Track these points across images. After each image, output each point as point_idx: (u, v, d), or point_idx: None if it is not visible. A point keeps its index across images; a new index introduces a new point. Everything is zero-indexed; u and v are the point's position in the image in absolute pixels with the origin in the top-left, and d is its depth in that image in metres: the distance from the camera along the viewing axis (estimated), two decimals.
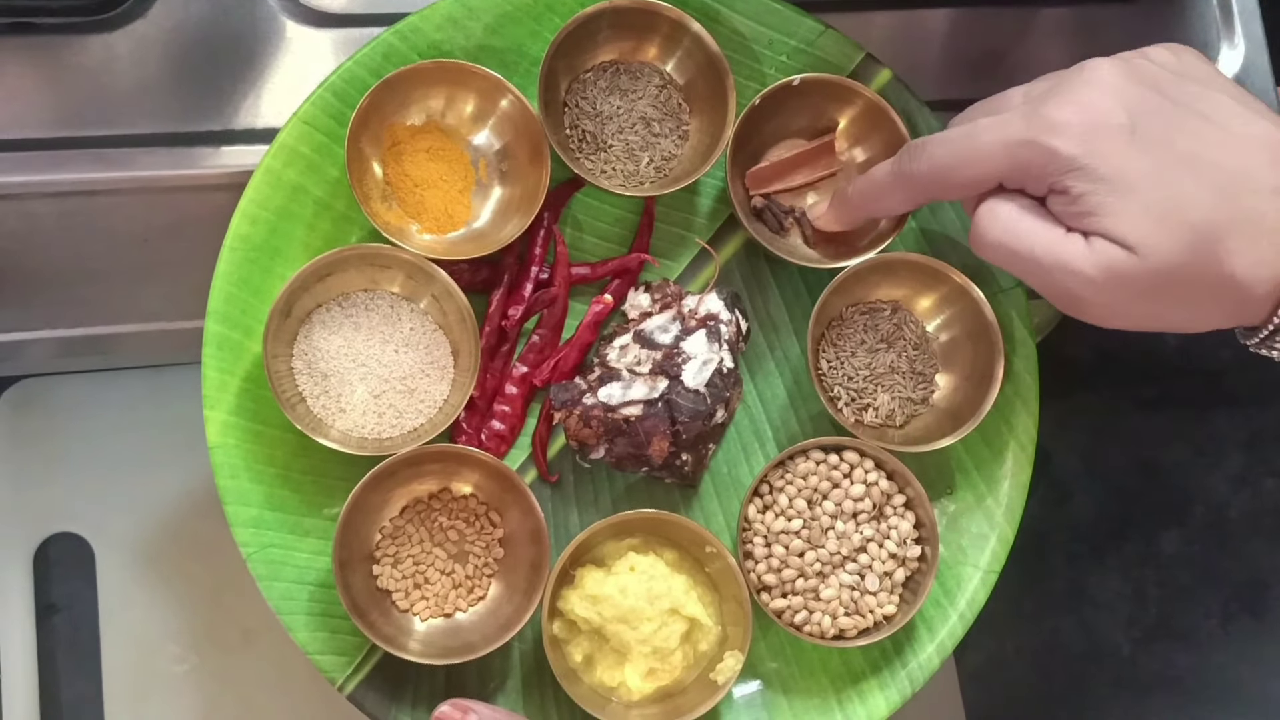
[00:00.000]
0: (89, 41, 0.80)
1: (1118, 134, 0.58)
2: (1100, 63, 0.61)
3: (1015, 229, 0.61)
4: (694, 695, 0.73)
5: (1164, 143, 0.58)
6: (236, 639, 0.92)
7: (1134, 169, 0.57)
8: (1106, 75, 0.60)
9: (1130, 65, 0.61)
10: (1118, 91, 0.59)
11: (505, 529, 0.74)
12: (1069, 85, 0.60)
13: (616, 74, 0.78)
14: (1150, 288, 0.58)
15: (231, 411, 0.72)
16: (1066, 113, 0.58)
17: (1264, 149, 0.58)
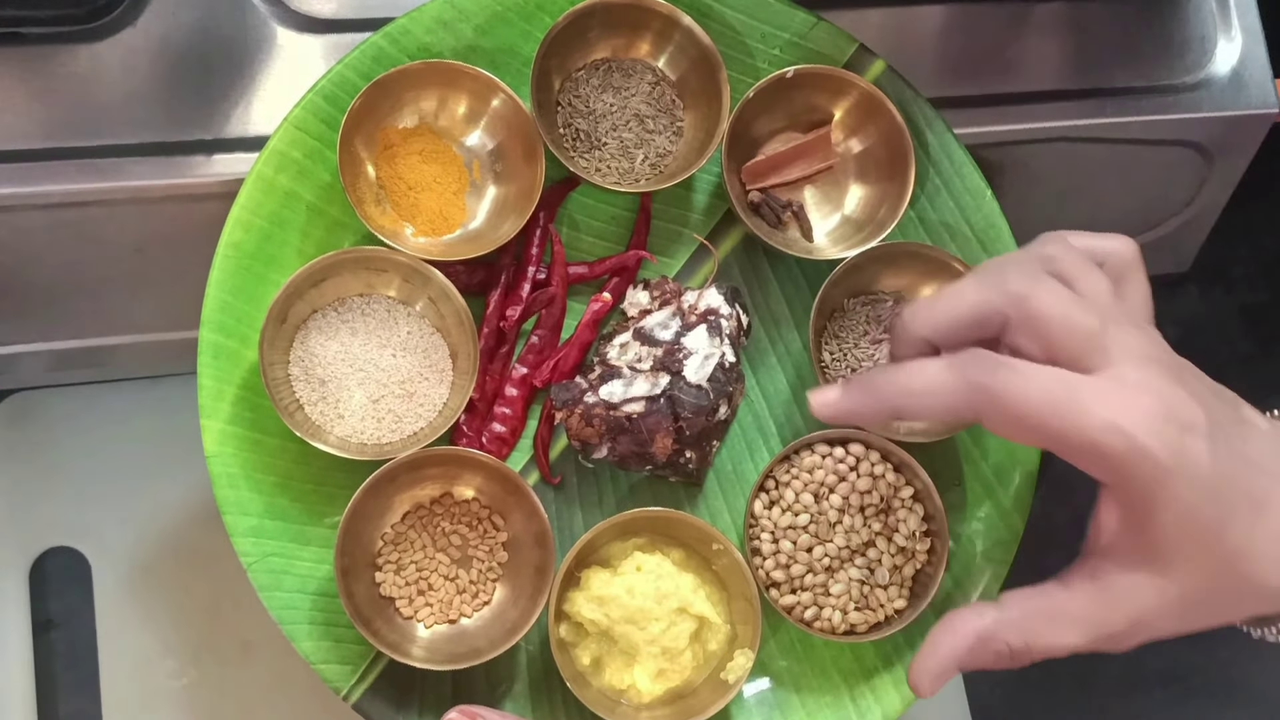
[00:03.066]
0: (78, 51, 0.80)
1: (1202, 440, 0.54)
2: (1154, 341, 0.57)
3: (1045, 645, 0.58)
4: (705, 695, 0.72)
5: (1227, 445, 0.55)
6: (235, 652, 0.91)
7: (1204, 483, 0.54)
8: (1168, 365, 0.56)
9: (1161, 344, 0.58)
10: (1188, 395, 0.55)
11: (509, 532, 0.74)
12: (1149, 369, 0.55)
13: (609, 71, 0.77)
14: (1178, 611, 0.56)
15: (228, 420, 0.72)
16: (1162, 409, 0.54)
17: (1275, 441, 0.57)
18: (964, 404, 0.56)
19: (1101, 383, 0.54)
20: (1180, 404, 0.54)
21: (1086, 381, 0.54)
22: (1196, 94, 0.91)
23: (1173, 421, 0.53)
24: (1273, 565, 0.55)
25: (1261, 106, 0.91)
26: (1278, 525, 0.55)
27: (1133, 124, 0.90)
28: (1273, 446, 0.56)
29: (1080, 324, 0.55)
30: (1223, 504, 0.54)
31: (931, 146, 0.78)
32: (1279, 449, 0.57)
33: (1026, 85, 0.90)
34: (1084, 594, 0.57)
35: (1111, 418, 0.53)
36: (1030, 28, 0.91)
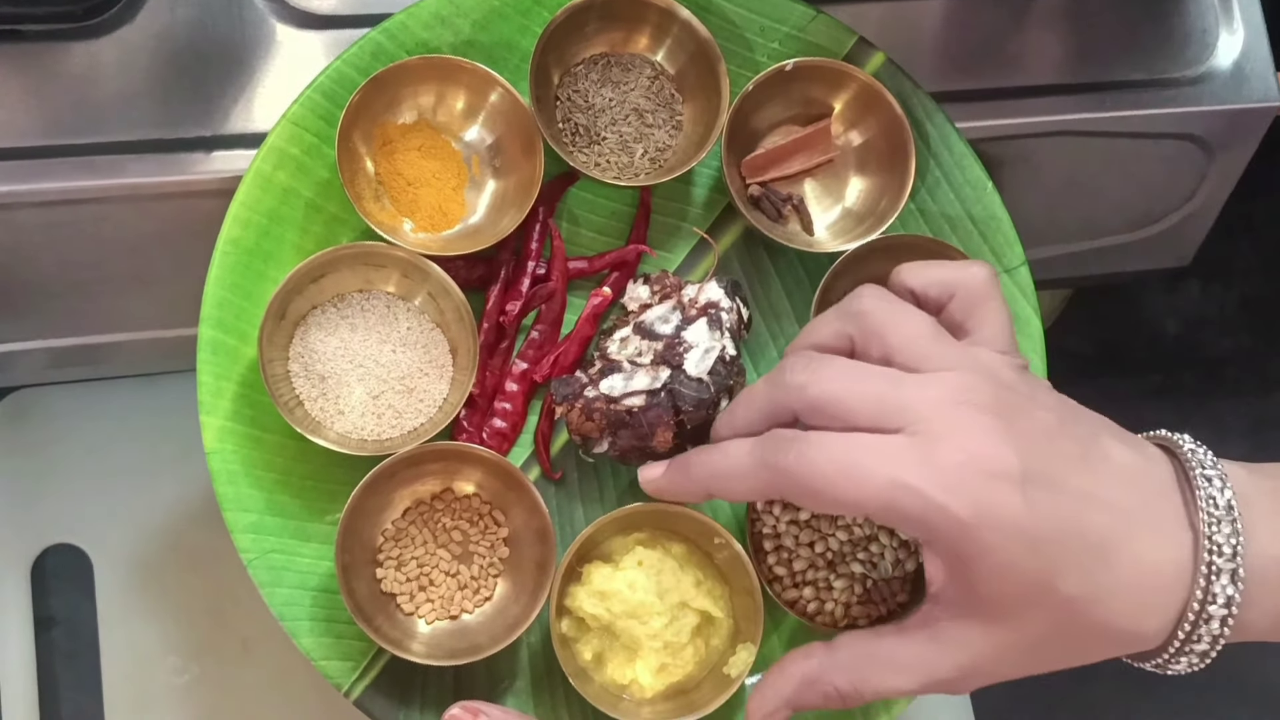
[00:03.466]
0: (75, 48, 0.80)
1: (1010, 488, 0.52)
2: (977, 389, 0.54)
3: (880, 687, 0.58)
4: (707, 690, 0.72)
5: (1056, 488, 0.53)
6: (236, 649, 0.91)
7: (1020, 535, 0.52)
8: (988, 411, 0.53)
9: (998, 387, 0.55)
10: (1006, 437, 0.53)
11: (510, 528, 0.73)
12: (956, 420, 0.53)
13: (608, 66, 0.77)
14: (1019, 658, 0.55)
15: (228, 417, 0.72)
16: (961, 460, 0.52)
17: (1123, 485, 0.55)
18: (764, 486, 0.57)
19: (896, 440, 0.53)
20: (986, 452, 0.52)
21: (878, 441, 0.53)
22: (1198, 88, 0.91)
23: (974, 472, 0.52)
24: (1123, 609, 0.53)
25: (1263, 100, 0.91)
26: (1126, 569, 0.53)
27: (1134, 118, 0.90)
28: (1127, 482, 0.55)
29: (866, 392, 0.55)
30: (1048, 551, 0.52)
31: (932, 138, 0.77)
32: (1136, 484, 0.55)
33: (1027, 79, 0.90)
34: (916, 641, 0.56)
35: (899, 476, 0.52)
36: (1030, 21, 0.90)
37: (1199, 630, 0.54)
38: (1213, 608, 0.53)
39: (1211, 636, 0.54)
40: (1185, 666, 0.56)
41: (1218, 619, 0.53)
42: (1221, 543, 0.53)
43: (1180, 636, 0.54)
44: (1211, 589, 0.53)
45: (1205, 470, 0.55)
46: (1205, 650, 0.55)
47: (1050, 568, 0.52)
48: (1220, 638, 0.54)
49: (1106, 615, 0.53)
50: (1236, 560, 0.53)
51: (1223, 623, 0.54)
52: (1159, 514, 0.54)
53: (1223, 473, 0.55)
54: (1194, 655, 0.55)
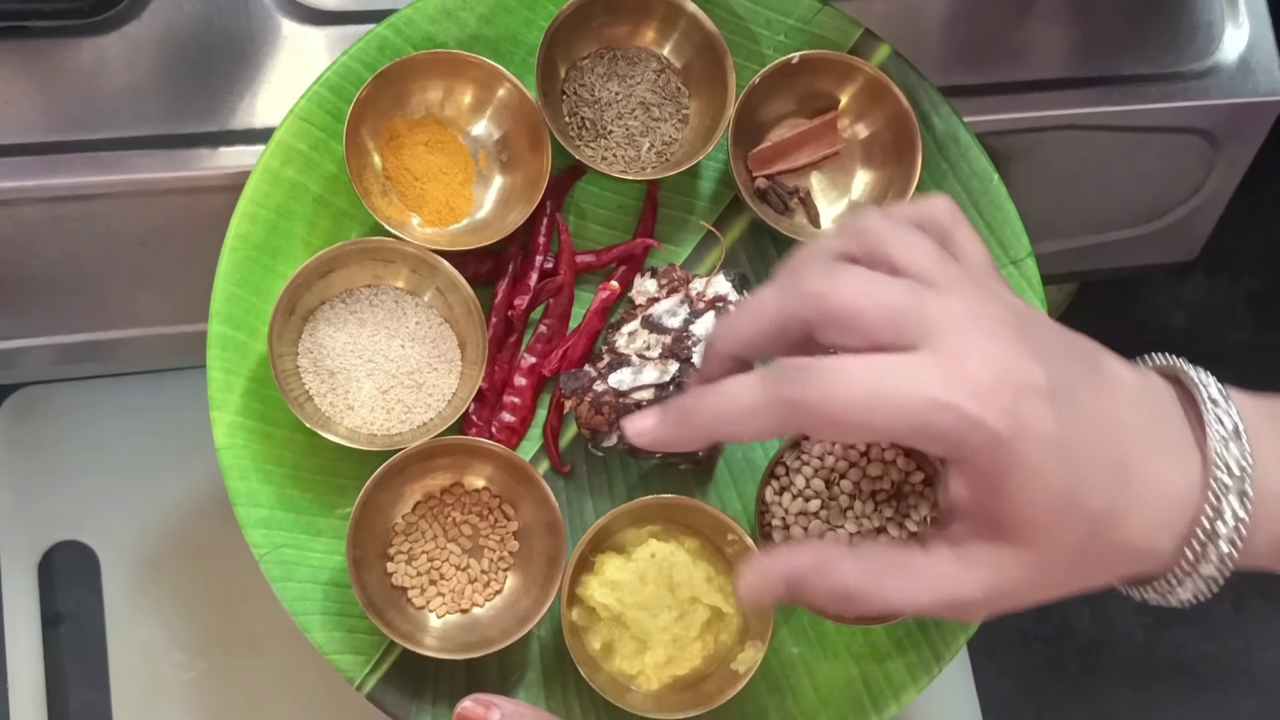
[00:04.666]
0: (83, 44, 0.80)
1: (1041, 401, 0.50)
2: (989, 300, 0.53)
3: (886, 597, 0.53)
4: (714, 685, 0.72)
5: (1077, 406, 0.51)
6: (244, 644, 0.91)
7: (1051, 445, 0.50)
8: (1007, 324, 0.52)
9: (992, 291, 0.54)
10: (1026, 351, 0.51)
11: (520, 521, 0.74)
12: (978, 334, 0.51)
13: (614, 60, 0.77)
14: (1041, 582, 0.53)
15: (238, 412, 0.72)
16: (993, 371, 0.50)
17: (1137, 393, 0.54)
18: (781, 424, 0.53)
19: (920, 358, 0.50)
20: (1013, 365, 0.50)
21: (902, 361, 0.50)
22: (1204, 81, 0.91)
23: (1006, 385, 0.50)
24: (1139, 527, 0.52)
25: (1269, 93, 0.91)
26: (1141, 485, 0.52)
27: (1140, 111, 0.90)
28: (1135, 402, 0.54)
29: (887, 303, 0.52)
30: (1076, 467, 0.51)
31: (938, 130, 0.77)
32: (1143, 405, 0.54)
33: (1033, 73, 0.90)
34: (942, 559, 0.53)
35: (932, 393, 0.49)
36: (1036, 15, 0.91)
37: (1208, 550, 0.53)
38: (1221, 526, 0.53)
39: (1219, 557, 0.53)
40: (1190, 593, 0.55)
41: (1225, 539, 0.53)
42: (1230, 463, 0.53)
43: (1189, 556, 0.53)
44: (1220, 508, 0.52)
45: (1212, 393, 0.54)
46: (1212, 574, 0.54)
47: (1078, 482, 0.51)
48: (1227, 559, 0.53)
49: (1125, 532, 0.52)
50: (1244, 481, 0.52)
51: (1230, 543, 0.53)
52: (1168, 434, 0.54)
53: (1227, 396, 0.54)
54: (1200, 579, 0.54)
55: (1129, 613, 1.30)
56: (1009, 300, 0.54)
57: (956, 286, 0.53)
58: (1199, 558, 0.53)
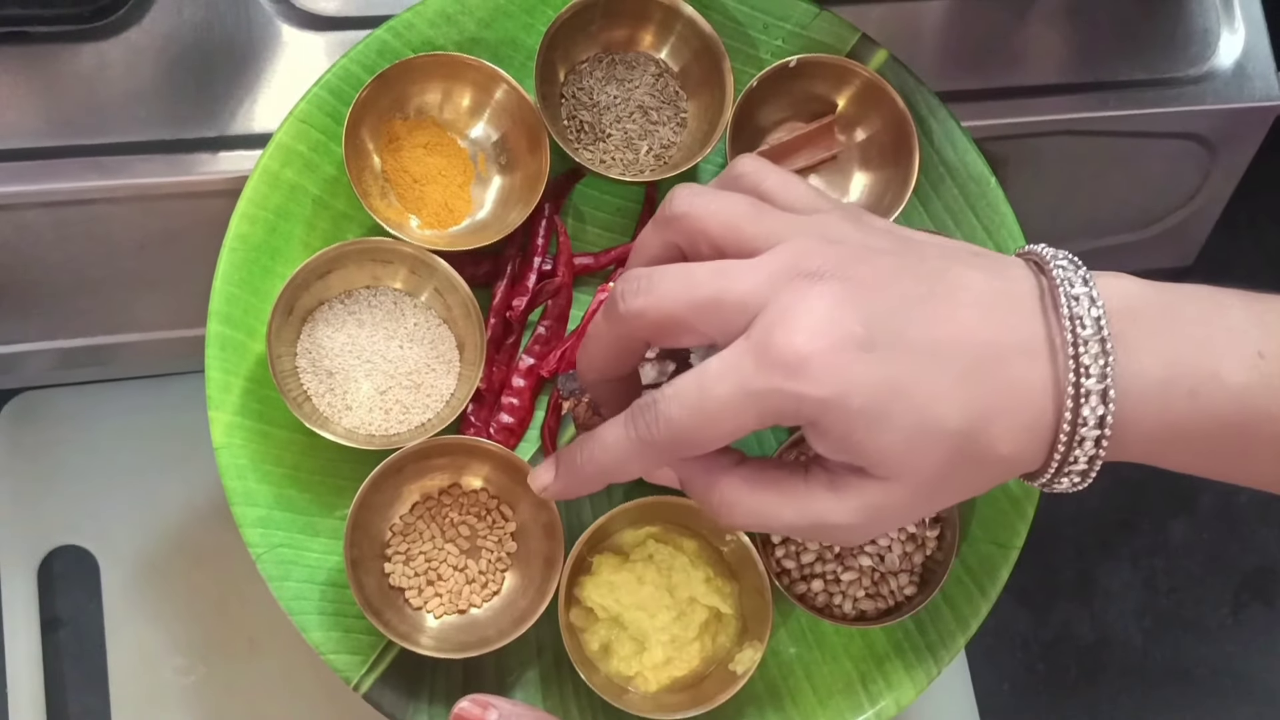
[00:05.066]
0: (83, 50, 0.80)
1: (856, 351, 0.50)
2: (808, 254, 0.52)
3: (758, 510, 0.55)
4: (712, 686, 0.72)
5: (901, 340, 0.51)
6: (243, 647, 0.91)
7: (881, 389, 0.51)
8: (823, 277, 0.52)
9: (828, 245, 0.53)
10: (845, 296, 0.51)
11: (517, 522, 0.74)
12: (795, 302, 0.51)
13: (612, 64, 0.78)
14: (915, 503, 0.54)
15: (236, 412, 0.72)
16: (801, 345, 0.50)
17: (989, 305, 0.53)
18: (653, 460, 0.54)
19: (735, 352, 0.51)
20: (822, 326, 0.50)
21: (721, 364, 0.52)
22: (1200, 87, 0.91)
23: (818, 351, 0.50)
24: (1003, 435, 0.52)
25: (1265, 99, 0.91)
26: (997, 395, 0.52)
27: (1136, 117, 0.90)
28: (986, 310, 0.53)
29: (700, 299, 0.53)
30: (918, 399, 0.51)
31: (935, 134, 0.78)
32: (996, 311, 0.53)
33: (1029, 78, 0.90)
34: (818, 486, 0.54)
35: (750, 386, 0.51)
36: (1032, 21, 0.91)
37: (1074, 452, 0.53)
38: (1084, 430, 0.52)
39: (1087, 457, 0.53)
40: (1068, 485, 0.55)
41: (1091, 439, 0.52)
42: (1089, 364, 0.51)
43: (1057, 458, 0.53)
44: (1081, 411, 0.52)
45: (1073, 289, 0.53)
46: (1084, 470, 0.53)
47: (925, 412, 0.51)
48: (1096, 458, 0.53)
49: (990, 441, 0.52)
50: (1106, 381, 0.51)
51: (1096, 444, 0.52)
52: (1024, 337, 0.53)
53: (1092, 291, 0.53)
54: (1074, 474, 0.54)
55: (1128, 618, 1.30)
56: (835, 235, 0.54)
57: (770, 239, 0.53)
58: (1066, 460, 0.53)
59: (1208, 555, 1.33)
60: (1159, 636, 1.28)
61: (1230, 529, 1.34)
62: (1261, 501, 1.33)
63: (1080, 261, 0.54)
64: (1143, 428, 0.53)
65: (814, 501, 0.54)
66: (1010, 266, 0.55)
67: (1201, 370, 0.53)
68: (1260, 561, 1.33)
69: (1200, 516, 1.34)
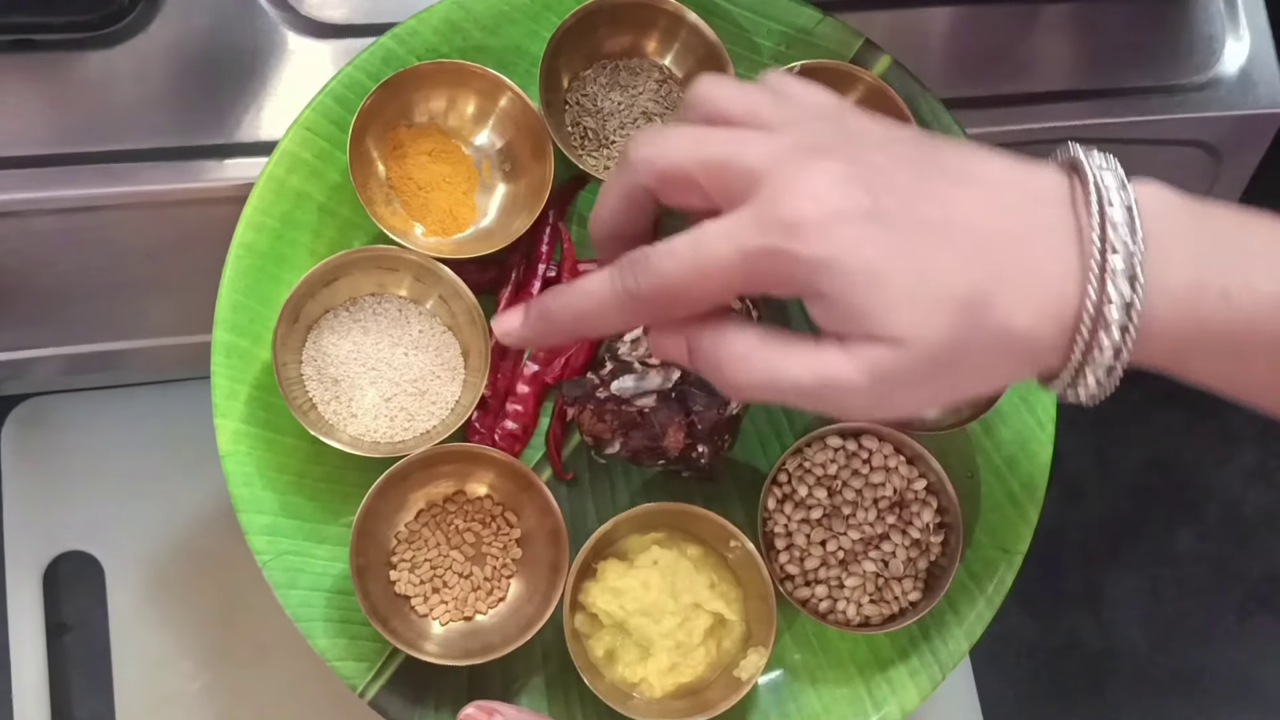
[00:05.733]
0: (90, 58, 0.80)
1: (860, 221, 0.51)
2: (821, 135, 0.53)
3: (768, 366, 0.54)
4: (717, 692, 0.72)
5: (909, 216, 0.51)
6: (249, 654, 0.91)
7: (883, 255, 0.51)
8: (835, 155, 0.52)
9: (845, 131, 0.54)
10: (852, 171, 0.52)
11: (522, 529, 0.74)
12: (800, 172, 0.52)
13: (616, 70, 0.78)
14: (927, 374, 0.52)
15: (242, 419, 0.72)
16: (803, 208, 0.50)
17: (1006, 193, 0.52)
18: (633, 315, 0.55)
19: (738, 213, 0.52)
20: (826, 194, 0.50)
21: (720, 223, 0.52)
22: (1205, 94, 0.91)
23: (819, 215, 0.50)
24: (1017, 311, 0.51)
25: (1270, 106, 0.91)
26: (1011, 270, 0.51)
27: (1141, 124, 0.90)
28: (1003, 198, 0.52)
29: (710, 156, 0.53)
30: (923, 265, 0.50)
31: None
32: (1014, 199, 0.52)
33: (1035, 85, 0.90)
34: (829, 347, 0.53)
35: (747, 244, 0.51)
36: (1038, 28, 0.91)
37: (1099, 339, 0.51)
38: (1110, 313, 0.51)
39: (1113, 349, 0.51)
40: (1091, 388, 0.53)
41: (1116, 326, 0.51)
42: (1117, 245, 0.50)
43: (1080, 347, 0.52)
44: (1106, 291, 0.50)
45: (1105, 178, 0.52)
46: (1109, 365, 0.52)
47: (929, 278, 0.51)
48: (1121, 351, 0.52)
49: (1002, 315, 0.51)
50: (1134, 264, 0.50)
51: (1123, 332, 0.51)
52: (1048, 222, 0.52)
53: (1123, 179, 0.52)
54: (1099, 371, 0.52)
55: (1135, 625, 1.30)
56: (855, 124, 0.54)
57: (787, 125, 0.54)
58: (1090, 349, 0.52)
59: (1214, 563, 1.33)
60: (1165, 644, 1.28)
61: (1237, 537, 1.34)
62: (1268, 509, 1.33)
63: (1117, 161, 0.53)
64: (1171, 323, 0.52)
65: (824, 357, 0.53)
66: (1036, 163, 0.54)
67: (1236, 274, 0.52)
68: (1267, 570, 1.33)
69: (1207, 525, 1.34)
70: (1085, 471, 1.33)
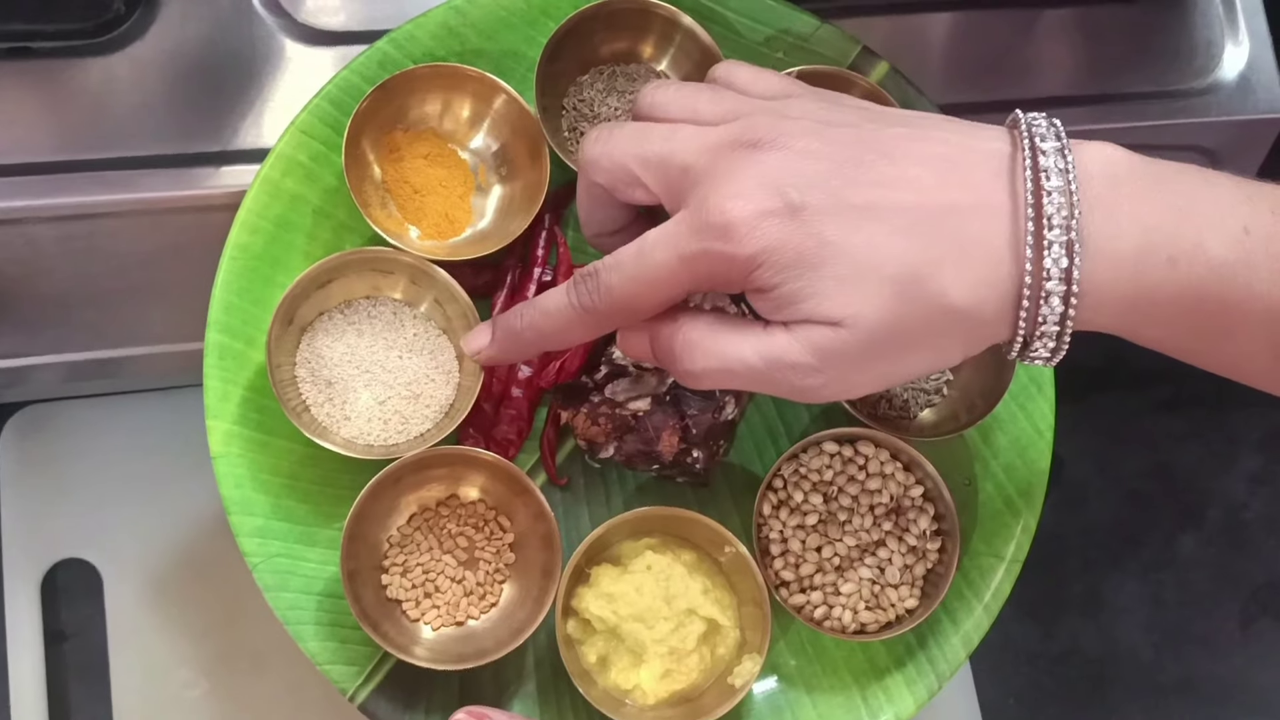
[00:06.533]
0: (87, 65, 0.81)
1: (788, 215, 0.52)
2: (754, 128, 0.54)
3: (719, 350, 0.56)
4: (711, 699, 0.72)
5: (839, 203, 0.52)
6: (247, 662, 0.91)
7: (814, 244, 0.52)
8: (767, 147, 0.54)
9: (781, 120, 0.55)
10: (783, 164, 0.53)
11: (515, 533, 0.73)
12: (732, 170, 0.54)
13: (613, 75, 0.78)
14: (873, 352, 0.53)
15: (234, 421, 0.72)
16: (730, 209, 0.52)
17: (944, 168, 0.53)
18: (592, 328, 0.59)
19: (675, 220, 0.55)
20: (751, 191, 0.52)
21: (660, 232, 0.55)
22: (1204, 99, 0.91)
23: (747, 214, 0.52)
24: (955, 284, 0.52)
25: (1269, 111, 0.91)
26: (947, 244, 0.52)
27: (1141, 129, 0.90)
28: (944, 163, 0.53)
29: (649, 154, 0.56)
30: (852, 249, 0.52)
31: None
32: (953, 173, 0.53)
33: (1033, 92, 0.90)
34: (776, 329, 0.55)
35: (684, 250, 0.54)
36: (1037, 34, 0.91)
37: (1041, 310, 0.52)
38: (1049, 285, 0.51)
39: (1056, 317, 0.52)
40: (1044, 354, 0.54)
41: (1057, 295, 0.51)
42: (1052, 214, 0.51)
43: (1024, 317, 0.52)
44: (1043, 263, 0.51)
45: (1044, 143, 0.52)
46: (1056, 332, 0.52)
47: (860, 260, 0.52)
48: (1066, 318, 0.52)
49: (939, 288, 0.52)
50: (1070, 234, 0.51)
51: (1064, 300, 0.51)
52: (984, 195, 0.52)
53: (1064, 147, 0.52)
54: (1048, 339, 0.53)
55: (1136, 632, 1.29)
56: (796, 110, 0.56)
57: (724, 118, 0.56)
58: (1036, 322, 0.52)
59: (1216, 569, 1.32)
60: (1167, 651, 1.27)
61: (1238, 543, 1.33)
62: (1269, 515, 1.33)
63: (1060, 125, 0.54)
64: (1117, 291, 0.52)
65: (771, 339, 0.55)
66: (983, 130, 0.55)
67: (1183, 240, 0.52)
68: (1268, 575, 1.33)
69: (1208, 530, 1.33)
70: (1086, 477, 1.33)
